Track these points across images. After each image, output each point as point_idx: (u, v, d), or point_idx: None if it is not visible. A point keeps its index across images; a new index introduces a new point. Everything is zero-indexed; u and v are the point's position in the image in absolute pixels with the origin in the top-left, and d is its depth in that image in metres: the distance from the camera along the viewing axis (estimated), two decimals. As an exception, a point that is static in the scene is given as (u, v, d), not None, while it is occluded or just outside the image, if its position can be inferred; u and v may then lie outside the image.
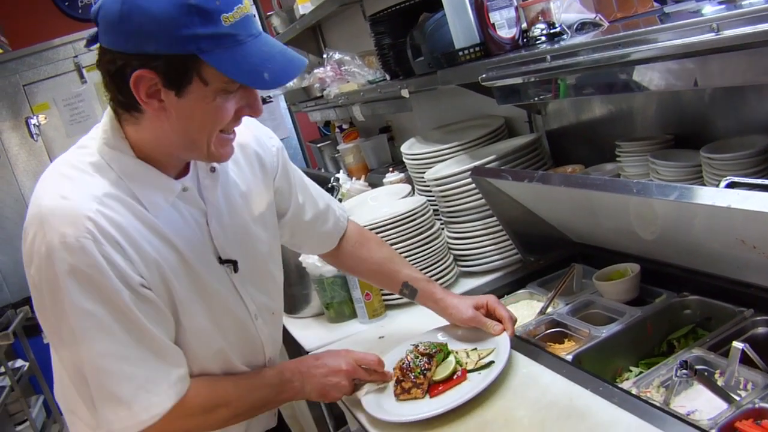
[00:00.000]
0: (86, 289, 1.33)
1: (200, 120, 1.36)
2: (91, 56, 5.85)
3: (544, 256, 2.23)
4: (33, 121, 5.75)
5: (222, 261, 1.56)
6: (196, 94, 1.32)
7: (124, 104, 1.37)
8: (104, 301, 1.34)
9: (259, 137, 1.76)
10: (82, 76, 5.83)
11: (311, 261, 2.18)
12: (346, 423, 2.30)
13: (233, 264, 1.58)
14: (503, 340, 1.73)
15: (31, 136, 5.77)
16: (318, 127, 5.44)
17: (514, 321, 1.81)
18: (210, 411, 1.51)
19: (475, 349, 1.74)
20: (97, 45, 1.34)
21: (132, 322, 1.37)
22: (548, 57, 1.57)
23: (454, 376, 1.66)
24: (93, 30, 1.34)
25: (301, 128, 6.26)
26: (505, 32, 1.93)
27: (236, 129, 1.47)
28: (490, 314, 1.83)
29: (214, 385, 1.55)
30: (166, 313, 1.45)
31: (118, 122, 1.43)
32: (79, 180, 1.39)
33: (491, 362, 1.66)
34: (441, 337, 1.84)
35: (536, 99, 1.81)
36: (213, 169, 1.57)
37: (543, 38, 1.81)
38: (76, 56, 5.80)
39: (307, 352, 2.15)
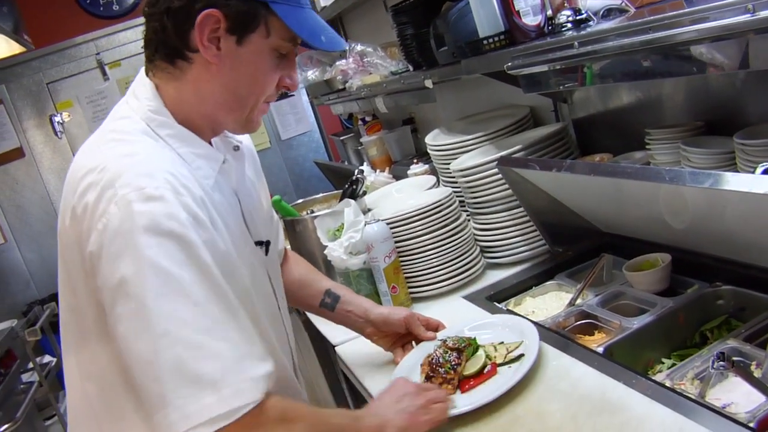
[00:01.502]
0: (166, 245, 1.18)
1: (251, 76, 1.36)
2: (112, 53, 5.94)
3: (572, 246, 2.20)
4: (57, 118, 5.79)
5: (256, 243, 1.53)
6: (255, 45, 1.33)
7: (172, 53, 1.34)
8: (188, 259, 1.19)
9: (248, 139, 1.75)
10: (104, 74, 5.86)
11: (337, 254, 2.16)
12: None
13: (266, 246, 1.56)
14: (530, 333, 1.70)
15: (55, 134, 5.81)
16: (340, 119, 5.42)
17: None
18: (289, 422, 1.28)
19: (502, 342, 1.72)
20: None
21: (219, 290, 1.22)
22: (576, 43, 1.54)
23: (485, 371, 1.63)
24: None
25: (323, 121, 6.25)
26: (530, 19, 1.90)
27: None
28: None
29: (285, 399, 1.33)
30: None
31: (155, 86, 1.39)
32: (138, 142, 1.32)
33: (521, 355, 1.63)
34: (468, 332, 1.81)
35: (563, 87, 1.78)
36: (237, 148, 1.54)
37: (569, 25, 1.78)
38: (98, 53, 5.84)
39: (333, 346, 2.14)
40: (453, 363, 1.61)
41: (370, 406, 1.54)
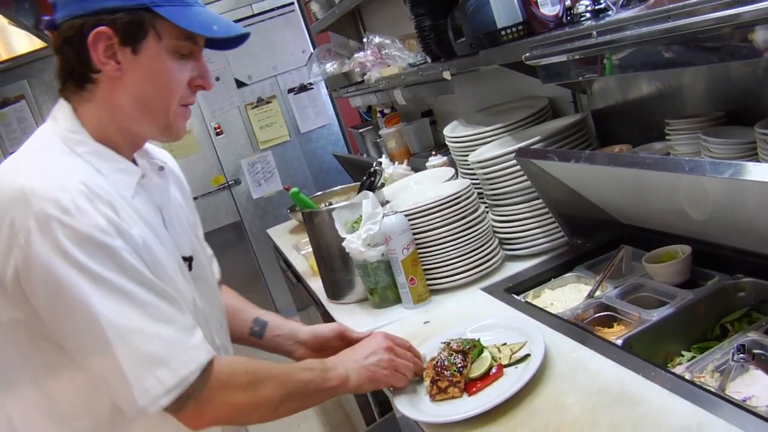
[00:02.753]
0: (91, 252, 1.25)
1: (156, 82, 1.40)
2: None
3: (591, 238, 2.18)
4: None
5: (182, 258, 1.54)
6: (151, 51, 1.37)
7: (78, 78, 1.39)
8: (113, 263, 1.27)
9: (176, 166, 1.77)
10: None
11: (355, 246, 2.16)
12: (390, 410, 2.28)
13: (189, 261, 1.56)
14: (534, 332, 1.69)
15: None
16: (359, 112, 5.43)
17: None
18: (255, 385, 1.42)
19: (506, 343, 1.70)
20: (54, 26, 1.38)
21: (144, 281, 1.31)
22: (594, 33, 1.52)
23: (491, 372, 1.61)
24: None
25: (342, 114, 6.26)
26: (548, 9, 1.89)
27: (157, 151, 1.60)
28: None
29: (253, 360, 1.47)
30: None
31: (72, 108, 1.43)
32: (53, 159, 1.36)
33: (527, 355, 1.62)
34: (470, 334, 1.79)
35: (582, 77, 1.77)
36: (161, 168, 1.60)
37: (587, 15, 1.76)
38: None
39: (352, 339, 2.14)
40: (459, 365, 1.59)
41: (341, 355, 1.66)
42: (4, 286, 1.28)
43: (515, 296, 2.04)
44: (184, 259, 1.54)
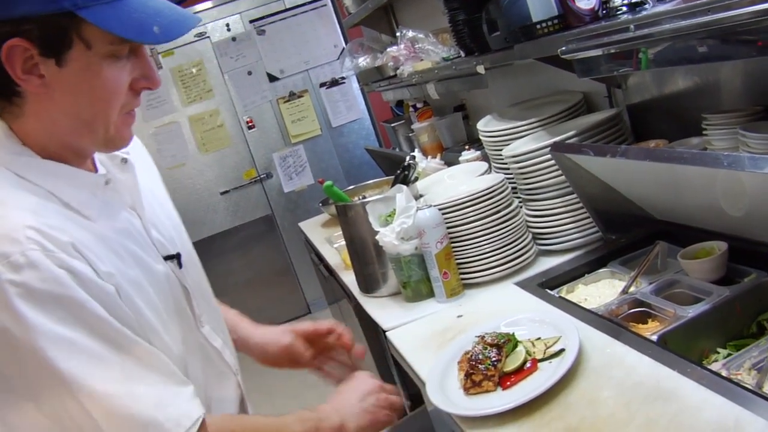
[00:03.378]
0: (50, 311, 1.10)
1: (90, 95, 1.19)
2: (166, 43, 5.98)
3: (625, 234, 2.17)
4: (112, 106, 5.88)
5: (165, 258, 1.39)
6: (79, 62, 1.16)
7: (3, 93, 1.19)
8: (76, 319, 1.13)
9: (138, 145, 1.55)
10: (157, 62, 5.94)
11: (388, 239, 2.16)
12: (421, 403, 2.28)
13: (176, 258, 1.42)
14: (568, 327, 1.68)
15: (111, 121, 5.90)
16: (390, 106, 5.43)
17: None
18: None
19: (540, 338, 1.70)
20: None
21: (116, 337, 1.17)
22: (632, 26, 1.52)
23: (525, 367, 1.61)
24: None
25: (373, 108, 6.28)
26: (585, 3, 1.88)
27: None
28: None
29: (232, 417, 1.40)
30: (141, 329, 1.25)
31: (8, 126, 1.23)
32: None
33: (561, 350, 1.62)
34: (504, 328, 1.79)
35: (618, 72, 1.76)
36: (125, 161, 1.41)
37: (624, 8, 1.75)
38: (152, 42, 5.91)
39: (384, 332, 2.15)
40: (493, 359, 1.59)
41: (333, 401, 1.58)
42: None
43: (549, 291, 2.04)
44: (170, 257, 1.41)
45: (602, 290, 2.00)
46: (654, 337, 1.59)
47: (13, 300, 1.08)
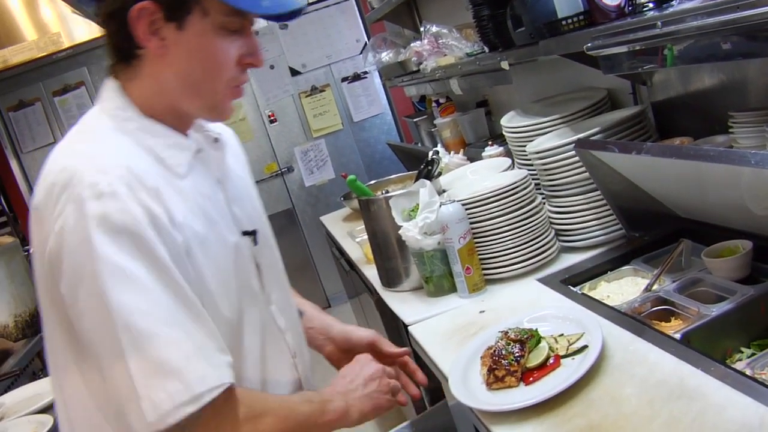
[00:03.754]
0: (119, 242, 1.19)
1: (202, 61, 1.33)
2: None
3: (648, 231, 2.16)
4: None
5: (243, 233, 1.48)
6: (196, 27, 1.29)
7: (123, 53, 1.34)
8: (142, 255, 1.20)
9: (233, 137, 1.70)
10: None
11: (411, 234, 2.17)
12: (441, 397, 2.28)
13: (253, 235, 1.51)
14: (592, 324, 1.68)
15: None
16: (412, 102, 5.43)
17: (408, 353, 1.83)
18: (257, 418, 1.32)
19: (563, 334, 1.70)
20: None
21: (174, 283, 1.23)
22: (659, 23, 1.51)
23: (548, 363, 1.61)
24: None
25: (395, 103, 6.28)
26: (611, -1, 1.88)
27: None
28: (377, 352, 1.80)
29: (251, 391, 1.39)
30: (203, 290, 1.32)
31: (121, 86, 1.38)
32: (100, 141, 1.32)
33: (585, 347, 1.62)
34: (527, 323, 1.79)
35: (643, 68, 1.75)
36: (216, 140, 1.52)
37: (650, 5, 1.75)
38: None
39: (406, 327, 2.15)
40: (516, 355, 1.59)
41: (337, 385, 1.58)
42: (45, 263, 1.25)
43: (571, 288, 2.04)
44: (247, 233, 1.49)
45: (625, 288, 2.00)
46: (677, 335, 1.59)
47: (90, 223, 1.18)
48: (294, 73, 6.23)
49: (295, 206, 6.40)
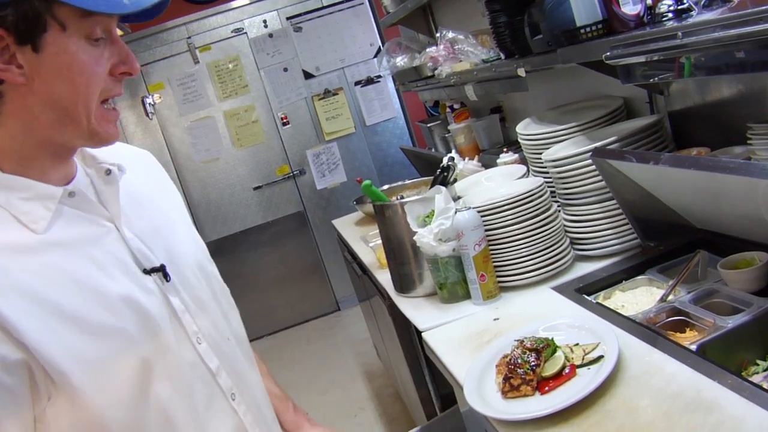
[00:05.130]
0: None
1: (68, 80, 1.15)
2: (203, 37, 6.09)
3: (664, 241, 2.16)
4: (149, 100, 6.02)
5: (147, 271, 1.30)
6: (55, 45, 1.12)
7: None
8: None
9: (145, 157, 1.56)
10: (195, 57, 6.03)
11: (426, 240, 2.17)
12: (452, 404, 2.29)
13: (161, 271, 1.32)
14: (607, 334, 1.68)
15: (147, 115, 6.03)
16: (425, 107, 5.43)
17: None
18: None
19: (578, 344, 1.70)
20: None
21: None
22: (679, 33, 1.51)
23: (564, 372, 1.61)
24: None
25: (407, 108, 6.29)
26: (630, 8, 1.87)
27: (112, 151, 1.34)
28: None
29: None
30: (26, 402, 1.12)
31: None
32: None
33: (600, 356, 1.62)
34: (543, 332, 1.79)
35: (660, 78, 1.74)
36: (108, 172, 1.34)
37: (670, 15, 1.74)
38: (189, 38, 6.06)
39: (420, 332, 2.15)
40: (532, 364, 1.59)
41: None
42: None
43: (586, 297, 2.03)
44: (153, 270, 1.32)
45: (640, 297, 1.99)
46: (693, 347, 1.59)
47: None
48: (307, 76, 6.24)
49: (306, 209, 6.41)
